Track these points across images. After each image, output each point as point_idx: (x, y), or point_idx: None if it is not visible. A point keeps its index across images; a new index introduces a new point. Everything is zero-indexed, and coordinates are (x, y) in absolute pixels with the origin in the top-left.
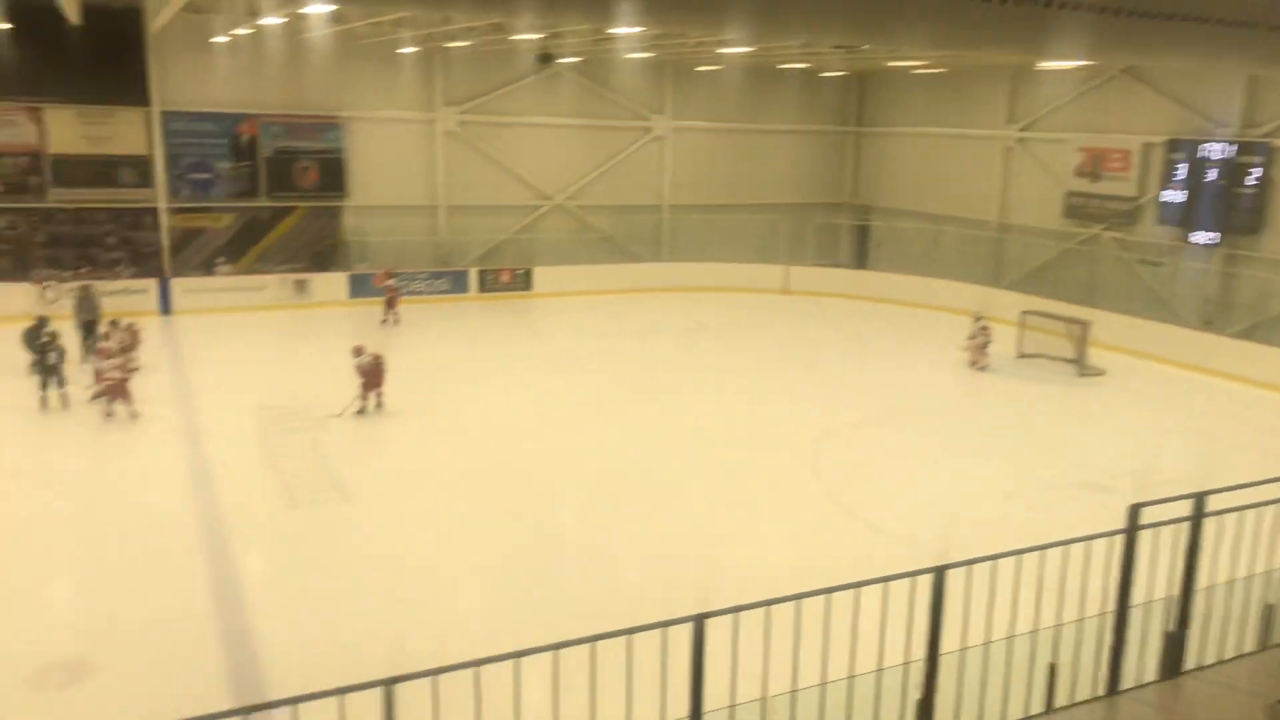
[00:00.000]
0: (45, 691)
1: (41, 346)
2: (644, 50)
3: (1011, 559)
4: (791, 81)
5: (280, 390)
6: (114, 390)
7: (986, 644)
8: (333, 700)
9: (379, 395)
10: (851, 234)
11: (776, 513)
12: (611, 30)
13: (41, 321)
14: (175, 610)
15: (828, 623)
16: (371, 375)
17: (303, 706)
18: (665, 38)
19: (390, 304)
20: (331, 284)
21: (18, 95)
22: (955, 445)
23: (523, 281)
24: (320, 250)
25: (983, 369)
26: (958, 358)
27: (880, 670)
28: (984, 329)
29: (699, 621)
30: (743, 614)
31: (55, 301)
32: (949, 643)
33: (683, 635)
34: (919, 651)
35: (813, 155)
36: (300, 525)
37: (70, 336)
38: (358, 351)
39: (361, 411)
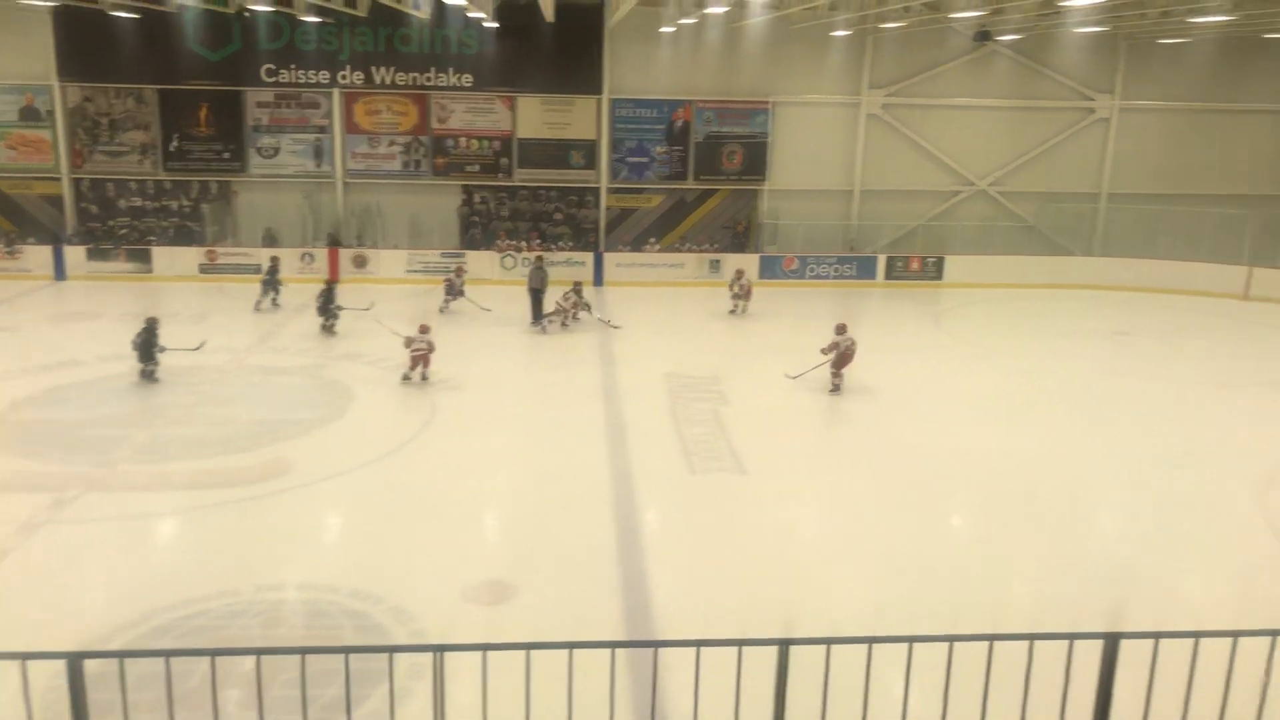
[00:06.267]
0: (478, 605)
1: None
2: (1096, 24)
3: None
4: (1277, 53)
5: (688, 361)
6: (421, 359)
7: None
8: (720, 653)
9: (840, 375)
10: None
11: (1209, 547)
12: (1064, 2)
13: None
14: (584, 550)
15: (1269, 673)
16: (845, 355)
17: (699, 653)
18: (1124, 8)
19: (745, 295)
20: (742, 264)
21: (498, 86)
22: None
23: (933, 270)
24: (736, 232)
25: None
26: None
27: None
28: None
29: (1112, 640)
30: (1163, 644)
31: (511, 270)
32: None
33: (1089, 654)
34: None
35: None
36: (698, 489)
37: (523, 301)
38: (840, 329)
39: (836, 389)
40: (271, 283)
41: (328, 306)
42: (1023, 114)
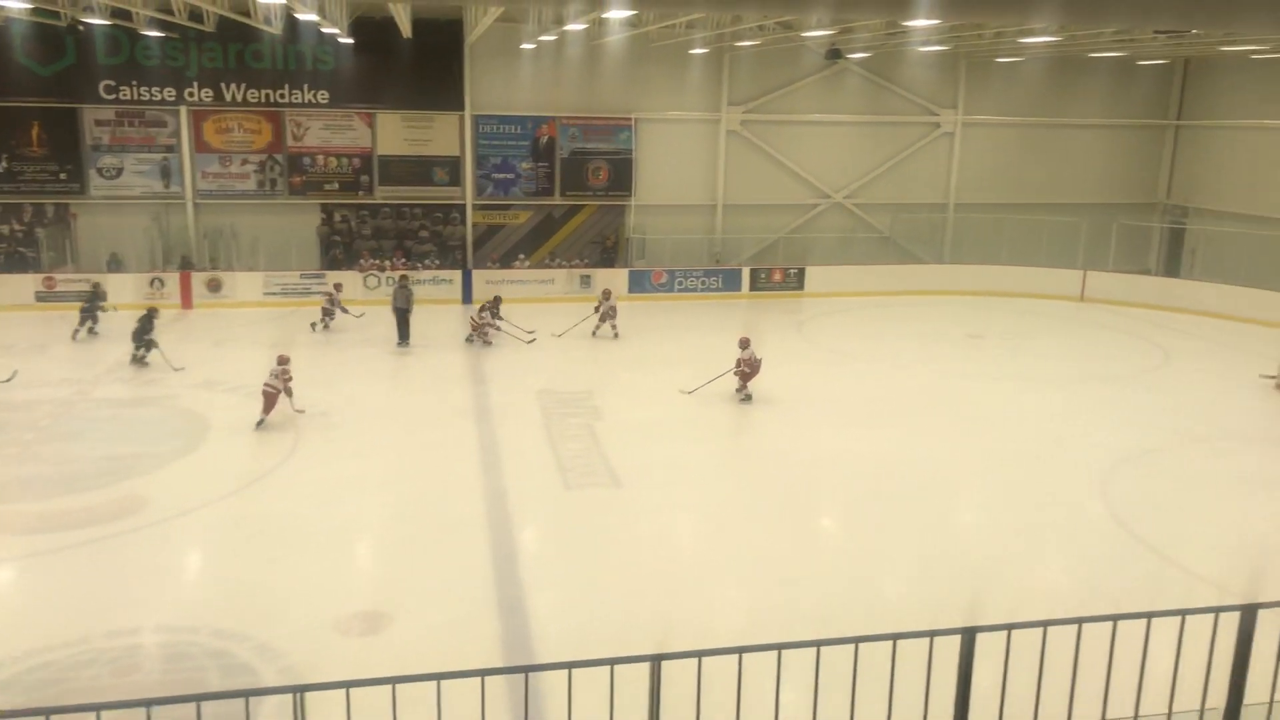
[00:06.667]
0: (350, 637)
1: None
2: (939, 43)
3: None
4: (1101, 71)
5: (561, 377)
6: (272, 401)
7: None
8: (600, 671)
9: (746, 387)
10: (1163, 238)
11: (1057, 538)
12: (907, 23)
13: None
14: (459, 575)
15: (1112, 655)
16: (754, 368)
17: (573, 674)
18: (962, 29)
19: (605, 316)
20: (612, 279)
21: (356, 103)
22: (1272, 477)
23: (795, 281)
24: (605, 247)
25: None
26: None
27: (1171, 714)
28: None
29: (969, 635)
30: (1015, 634)
31: (375, 289)
32: (1256, 693)
33: (950, 648)
34: (1217, 699)
35: (1121, 151)
36: (573, 506)
37: (388, 321)
38: (744, 344)
39: (747, 399)
40: (91, 310)
41: (143, 336)
42: (874, 129)
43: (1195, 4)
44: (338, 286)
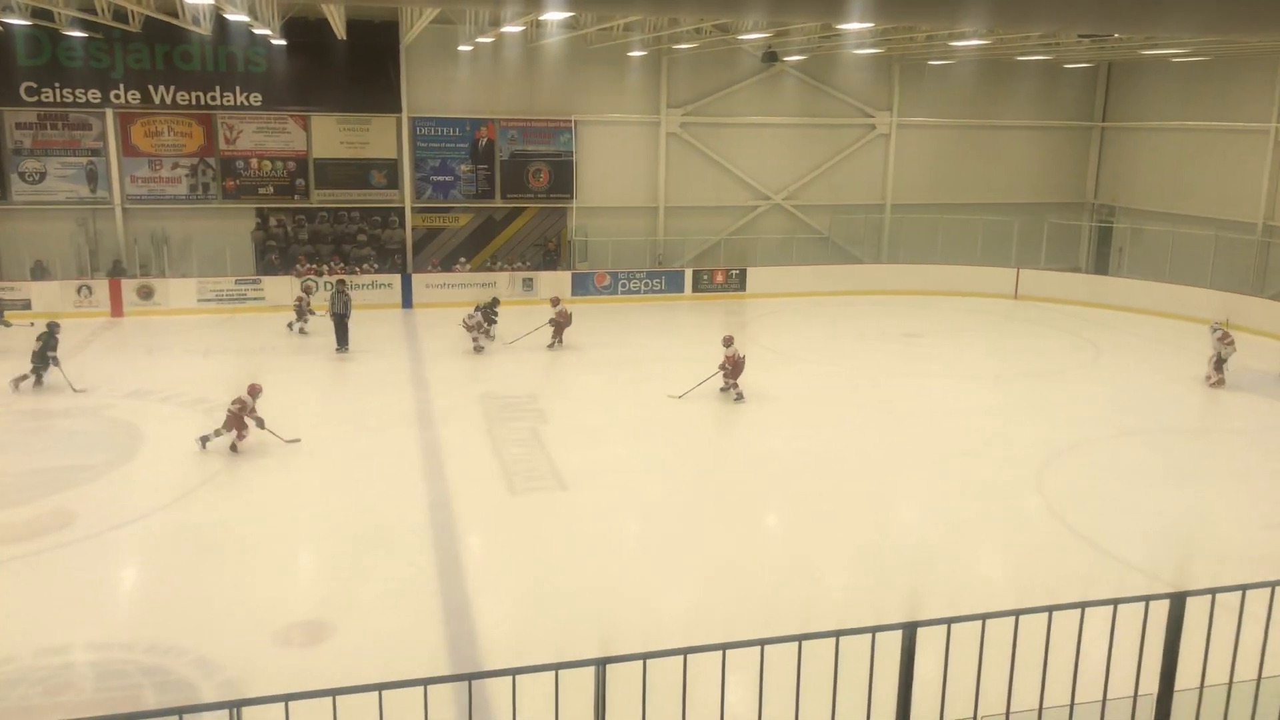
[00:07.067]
0: (291, 648)
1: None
2: (872, 46)
3: (1266, 591)
4: (1030, 74)
5: (505, 381)
6: (231, 422)
7: (1230, 684)
8: (546, 675)
9: (736, 384)
10: (1091, 236)
11: (995, 530)
12: (841, 26)
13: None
14: (403, 583)
15: (1048, 645)
16: (737, 365)
17: (518, 680)
18: (895, 32)
19: (559, 328)
20: (555, 282)
21: (290, 105)
22: (1201, 468)
23: (736, 282)
24: (547, 249)
25: (1215, 385)
26: (1199, 372)
27: (1106, 701)
28: (1221, 339)
29: (910, 630)
30: (955, 627)
31: (313, 294)
32: (1186, 679)
33: (892, 643)
34: (1150, 685)
35: (1050, 152)
36: (519, 510)
37: (326, 327)
38: (728, 341)
39: (740, 398)
40: None
41: (45, 354)
42: (811, 131)
43: (1115, 8)
44: (307, 289)
